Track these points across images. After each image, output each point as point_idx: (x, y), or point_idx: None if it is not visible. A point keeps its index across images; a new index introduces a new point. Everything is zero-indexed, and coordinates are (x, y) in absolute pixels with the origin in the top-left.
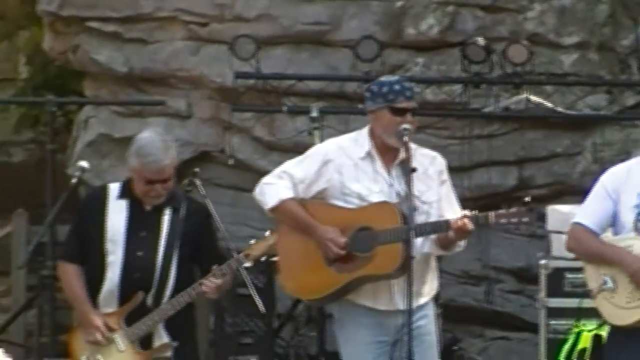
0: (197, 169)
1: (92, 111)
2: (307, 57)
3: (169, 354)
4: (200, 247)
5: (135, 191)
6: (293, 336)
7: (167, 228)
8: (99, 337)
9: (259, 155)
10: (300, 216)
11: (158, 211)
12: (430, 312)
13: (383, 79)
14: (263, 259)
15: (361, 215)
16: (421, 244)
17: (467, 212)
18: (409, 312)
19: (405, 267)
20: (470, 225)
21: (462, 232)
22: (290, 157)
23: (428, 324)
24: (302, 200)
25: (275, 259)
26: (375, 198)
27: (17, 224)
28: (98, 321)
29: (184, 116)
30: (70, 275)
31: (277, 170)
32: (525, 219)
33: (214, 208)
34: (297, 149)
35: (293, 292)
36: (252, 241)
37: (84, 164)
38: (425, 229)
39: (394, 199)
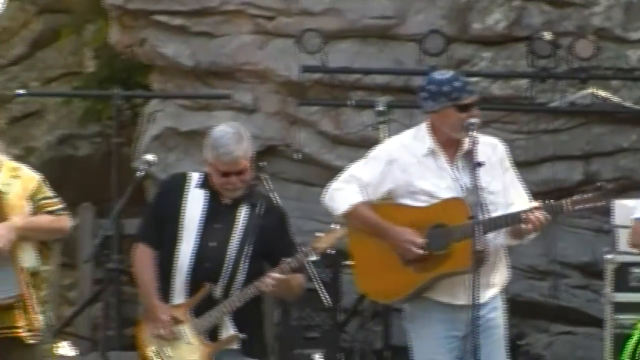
0: (263, 163)
1: (158, 105)
2: (373, 51)
3: (236, 346)
4: (273, 246)
5: (215, 185)
6: (358, 330)
7: (243, 223)
8: (163, 332)
9: (325, 150)
10: (373, 220)
11: (235, 206)
12: (500, 304)
13: (437, 77)
14: (330, 251)
15: (433, 212)
16: (495, 236)
17: (537, 204)
18: (474, 307)
19: (481, 262)
20: (543, 217)
21: (535, 224)
22: (357, 151)
23: (498, 316)
24: (371, 202)
25: (348, 262)
26: (443, 194)
27: (83, 218)
28: (164, 315)
29: (250, 110)
30: (144, 262)
31: (344, 175)
32: (601, 203)
33: (280, 202)
34: (363, 143)
35: (373, 295)
36: (319, 234)
37: (150, 157)
38: (499, 222)
39: (460, 193)
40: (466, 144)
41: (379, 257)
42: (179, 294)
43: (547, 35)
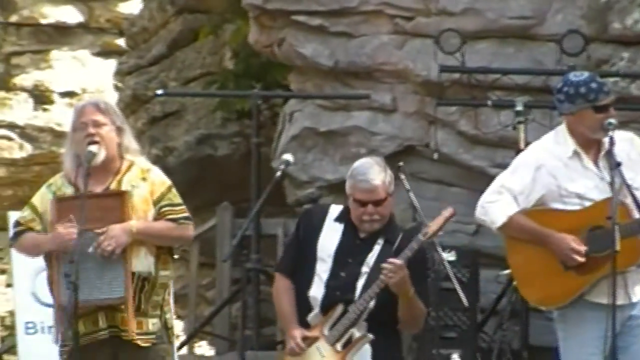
0: (401, 163)
1: (297, 105)
2: (512, 51)
3: (366, 346)
4: None
5: (352, 218)
6: (496, 330)
7: (376, 258)
8: (292, 344)
9: (463, 150)
10: (533, 228)
11: (371, 241)
12: None
13: (573, 78)
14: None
15: (589, 214)
16: None
17: None
18: (614, 309)
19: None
20: None
21: None
22: (494, 151)
23: None
24: (525, 211)
25: (506, 272)
26: (592, 195)
27: (221, 217)
28: (296, 332)
29: (388, 110)
30: (282, 292)
31: (494, 186)
32: None
33: (417, 202)
34: (502, 143)
35: (538, 303)
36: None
37: (288, 157)
38: None
39: (609, 193)
40: (606, 143)
41: (540, 263)
42: (314, 321)
43: None
